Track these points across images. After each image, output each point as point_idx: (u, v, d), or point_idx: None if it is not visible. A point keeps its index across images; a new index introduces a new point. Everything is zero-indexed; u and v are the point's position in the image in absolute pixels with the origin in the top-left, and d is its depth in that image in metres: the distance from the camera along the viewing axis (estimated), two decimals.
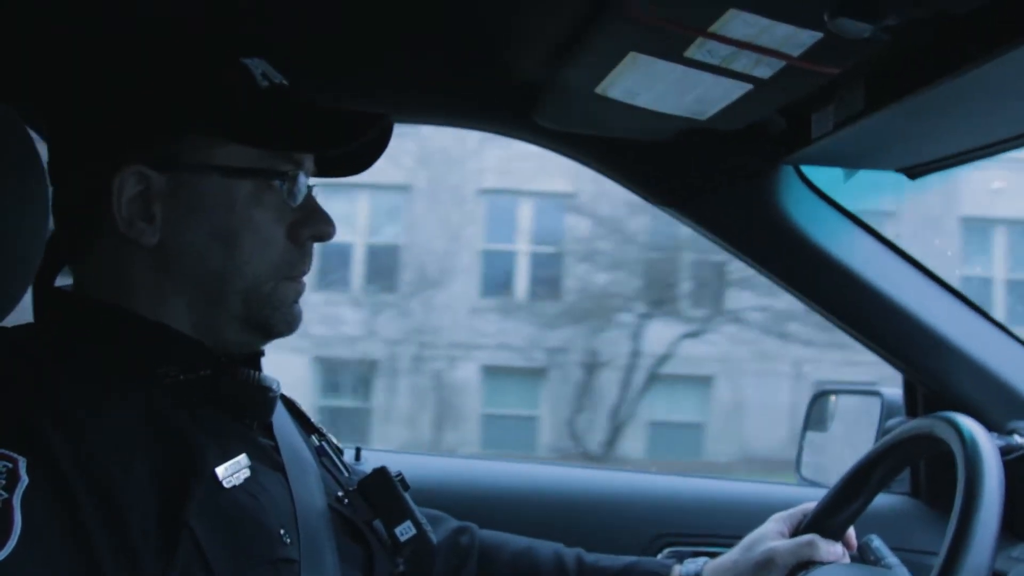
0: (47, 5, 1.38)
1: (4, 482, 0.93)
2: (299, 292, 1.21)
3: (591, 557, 1.53)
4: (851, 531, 1.48)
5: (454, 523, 1.54)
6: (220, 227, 1.13)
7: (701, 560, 1.51)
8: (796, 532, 1.48)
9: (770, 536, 1.48)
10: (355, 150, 1.24)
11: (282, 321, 1.19)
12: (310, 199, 1.20)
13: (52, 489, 0.95)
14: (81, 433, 0.99)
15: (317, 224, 1.20)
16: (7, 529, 0.91)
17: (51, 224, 1.23)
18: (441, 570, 1.47)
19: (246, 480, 1.10)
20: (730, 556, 1.49)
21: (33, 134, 1.27)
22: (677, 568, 1.50)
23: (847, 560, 1.45)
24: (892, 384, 2.03)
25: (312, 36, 1.53)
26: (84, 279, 1.18)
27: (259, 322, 1.17)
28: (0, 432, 0.97)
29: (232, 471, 1.09)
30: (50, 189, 1.21)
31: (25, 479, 0.93)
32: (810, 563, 1.42)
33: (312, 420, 1.39)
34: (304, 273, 1.21)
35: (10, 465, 0.94)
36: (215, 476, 1.06)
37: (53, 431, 0.97)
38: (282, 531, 1.11)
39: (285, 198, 1.16)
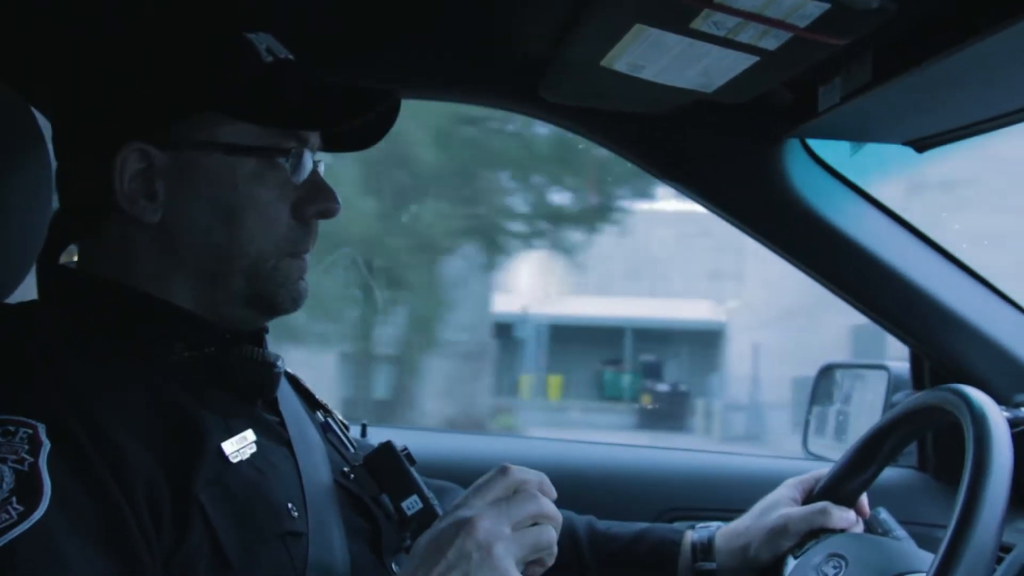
0: None
1: (27, 447, 0.94)
2: (303, 269, 1.20)
3: (602, 525, 1.54)
4: (864, 498, 1.48)
5: (462, 492, 1.54)
6: (223, 205, 1.13)
7: (714, 525, 1.51)
8: (808, 498, 1.49)
9: (783, 502, 1.48)
10: (362, 125, 1.24)
11: (287, 298, 1.19)
12: (315, 176, 1.19)
13: (72, 453, 0.96)
14: (91, 407, 1.00)
15: (322, 201, 1.19)
16: (38, 491, 0.92)
17: (55, 203, 1.24)
18: None
19: (253, 455, 1.11)
20: (742, 522, 1.50)
21: (37, 113, 1.27)
22: (689, 533, 1.51)
23: (860, 527, 1.46)
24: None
25: (316, 12, 1.53)
26: (89, 257, 1.18)
27: (263, 299, 1.17)
28: (16, 400, 0.98)
29: (238, 446, 1.10)
30: (54, 167, 1.21)
31: (47, 443, 0.95)
32: (822, 530, 1.43)
33: (316, 397, 1.39)
34: (307, 250, 1.21)
35: (30, 431, 0.95)
36: (222, 451, 1.07)
37: (65, 404, 0.98)
38: (289, 505, 1.12)
39: (289, 175, 1.16)
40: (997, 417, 1.15)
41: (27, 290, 1.21)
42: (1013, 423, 1.19)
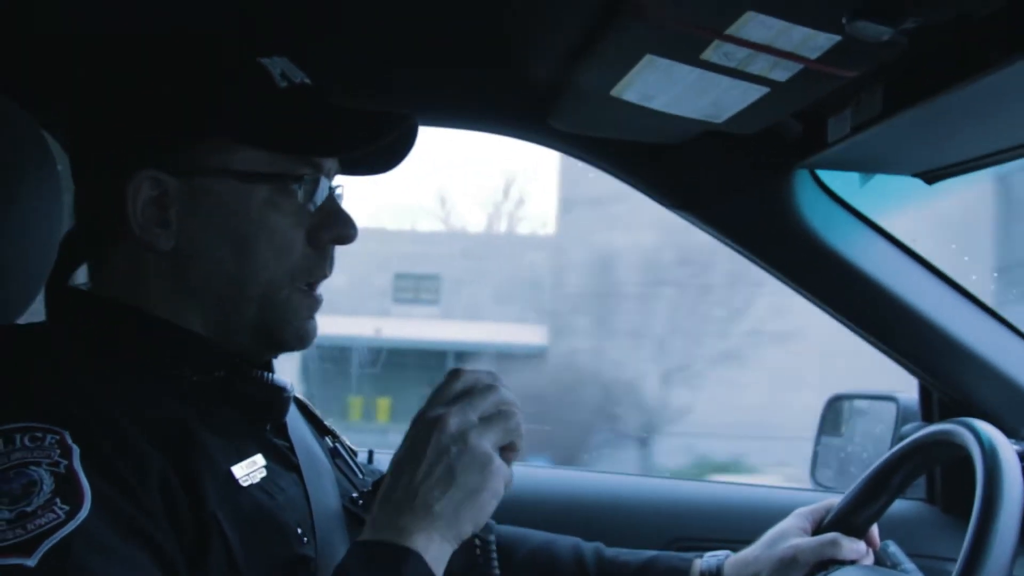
0: (62, 8, 1.39)
1: (59, 451, 0.95)
2: (313, 307, 1.20)
3: (611, 552, 1.53)
4: (874, 530, 1.47)
5: None
6: (236, 233, 1.13)
7: (723, 554, 1.50)
8: (818, 529, 1.48)
9: (793, 532, 1.48)
10: (381, 149, 1.23)
11: (294, 334, 1.18)
12: (331, 201, 1.19)
13: (98, 457, 0.96)
14: (109, 413, 1.00)
15: (337, 227, 1.18)
16: (78, 491, 0.93)
17: (64, 225, 1.24)
18: (458, 566, 1.46)
19: (263, 480, 1.11)
20: (752, 551, 1.49)
21: (49, 137, 1.28)
22: (698, 562, 1.50)
23: (870, 559, 1.45)
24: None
25: (326, 38, 1.53)
26: (101, 280, 1.18)
27: (271, 332, 1.17)
28: (37, 409, 0.98)
29: (248, 470, 1.09)
30: (63, 192, 1.22)
31: (75, 447, 0.95)
32: (831, 562, 1.42)
33: (324, 422, 1.39)
34: (322, 278, 1.20)
35: (57, 436, 0.96)
36: (232, 475, 1.07)
37: (83, 409, 0.99)
38: (299, 530, 1.11)
39: (303, 202, 1.15)
40: (1007, 451, 1.15)
41: (34, 314, 1.21)
42: (1023, 456, 1.19)
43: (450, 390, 1.09)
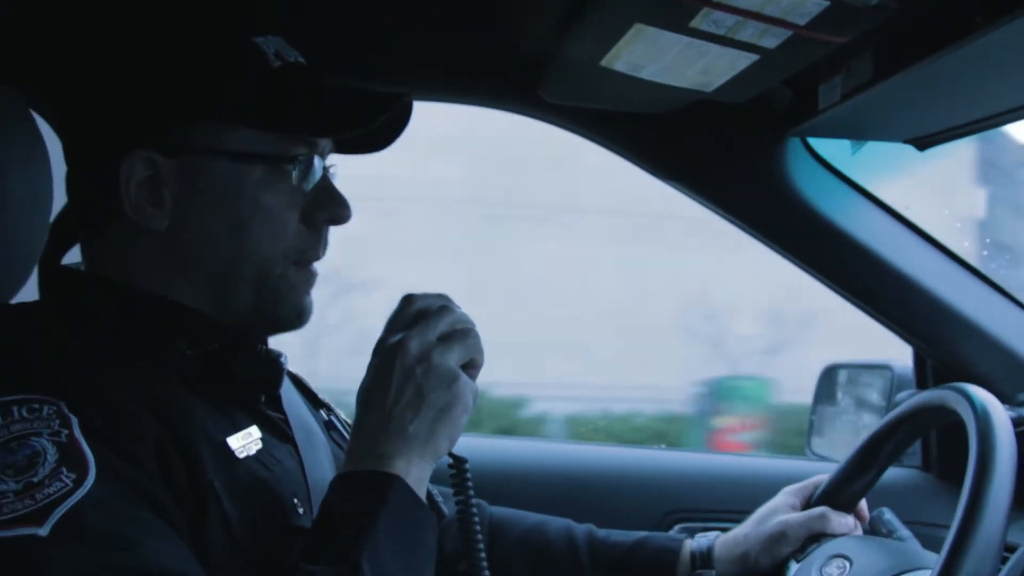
0: None
1: (58, 421, 0.95)
2: (309, 281, 1.19)
3: (602, 533, 1.53)
4: (863, 503, 1.48)
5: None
6: (230, 212, 1.12)
7: (712, 535, 1.51)
8: (808, 505, 1.49)
9: (782, 509, 1.48)
10: (374, 129, 1.22)
11: (291, 309, 1.18)
12: (325, 181, 1.18)
13: (95, 426, 0.96)
14: (100, 387, 1.00)
15: (332, 207, 1.18)
16: (82, 460, 0.93)
17: (54, 207, 1.23)
18: (451, 546, 1.47)
19: (258, 452, 1.11)
20: (741, 530, 1.49)
21: (38, 118, 1.27)
22: (688, 543, 1.50)
23: (859, 532, 1.45)
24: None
25: (313, 13, 1.52)
26: (94, 260, 1.18)
27: (267, 309, 1.16)
28: (31, 382, 0.98)
29: (244, 442, 1.10)
30: (53, 173, 1.21)
31: (73, 417, 0.95)
32: (822, 535, 1.42)
33: (319, 395, 1.39)
34: (317, 258, 1.20)
35: (55, 407, 0.96)
36: (227, 447, 1.07)
37: (75, 383, 0.99)
38: (295, 501, 1.12)
39: (298, 183, 1.15)
40: (1000, 416, 1.14)
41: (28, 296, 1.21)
42: (1016, 422, 1.19)
43: (405, 315, 1.11)
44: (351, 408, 1.13)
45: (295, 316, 1.18)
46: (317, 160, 1.16)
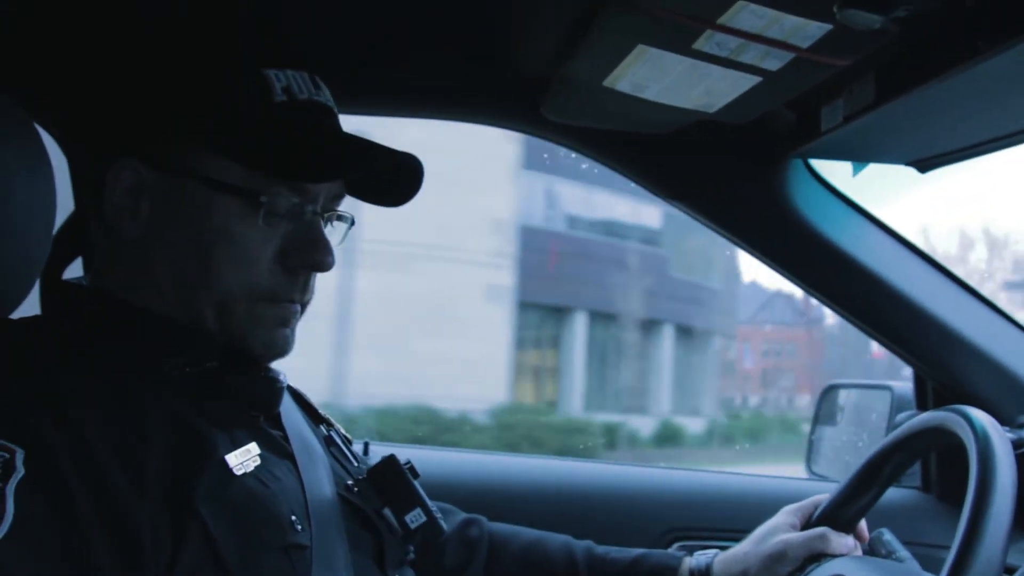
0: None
1: (0, 471, 0.93)
2: (284, 316, 1.17)
3: (601, 549, 1.53)
4: (863, 524, 1.48)
5: (463, 515, 1.54)
6: (197, 236, 1.12)
7: (711, 552, 1.51)
8: (807, 524, 1.49)
9: (781, 528, 1.48)
10: (384, 182, 1.21)
11: (260, 342, 1.16)
12: (312, 226, 1.17)
13: (48, 483, 0.94)
14: (82, 428, 0.98)
15: (308, 252, 1.16)
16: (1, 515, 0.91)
17: (58, 220, 1.24)
18: (451, 562, 1.47)
19: (257, 468, 1.10)
20: (741, 548, 1.49)
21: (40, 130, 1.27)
22: (687, 560, 1.50)
23: (859, 553, 1.45)
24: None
25: (315, 29, 1.53)
26: (92, 273, 1.19)
27: (236, 342, 1.15)
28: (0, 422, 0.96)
29: (242, 459, 1.09)
30: (56, 184, 1.21)
31: (21, 470, 0.94)
32: (822, 555, 1.42)
33: (319, 411, 1.39)
34: (292, 300, 1.18)
35: (7, 455, 0.94)
36: (225, 464, 1.07)
37: (52, 426, 0.97)
38: (293, 518, 1.11)
39: (263, 221, 1.13)
40: (1000, 438, 1.15)
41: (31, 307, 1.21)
42: (1016, 444, 1.19)
43: None
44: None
45: (264, 349, 1.17)
46: (299, 202, 1.15)
